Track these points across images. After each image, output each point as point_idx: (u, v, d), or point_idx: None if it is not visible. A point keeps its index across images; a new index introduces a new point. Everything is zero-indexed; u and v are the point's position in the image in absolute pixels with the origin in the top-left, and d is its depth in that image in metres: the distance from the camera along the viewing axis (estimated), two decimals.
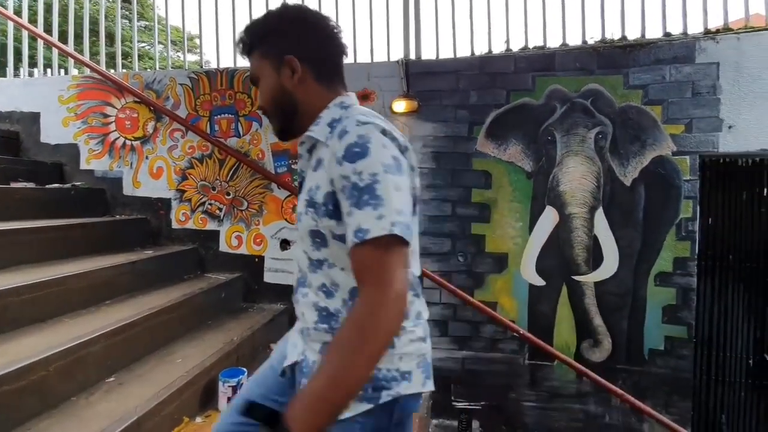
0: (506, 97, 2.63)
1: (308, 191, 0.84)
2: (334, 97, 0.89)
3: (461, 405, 2.60)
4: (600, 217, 2.52)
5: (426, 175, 2.68)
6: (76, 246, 2.33)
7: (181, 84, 2.95)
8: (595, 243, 2.52)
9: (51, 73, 3.42)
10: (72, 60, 3.19)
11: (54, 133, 3.07)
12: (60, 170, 3.04)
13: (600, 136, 2.53)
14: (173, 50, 6.70)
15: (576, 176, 2.55)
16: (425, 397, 2.55)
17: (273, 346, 2.43)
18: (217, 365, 1.93)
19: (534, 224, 2.58)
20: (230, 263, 2.84)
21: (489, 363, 2.60)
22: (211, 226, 2.91)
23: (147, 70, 3.21)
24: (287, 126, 0.92)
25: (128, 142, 3.00)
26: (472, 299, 2.55)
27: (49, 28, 3.28)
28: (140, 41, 7.48)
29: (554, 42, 2.72)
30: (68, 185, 2.94)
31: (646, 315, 2.47)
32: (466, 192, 2.65)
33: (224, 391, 1.80)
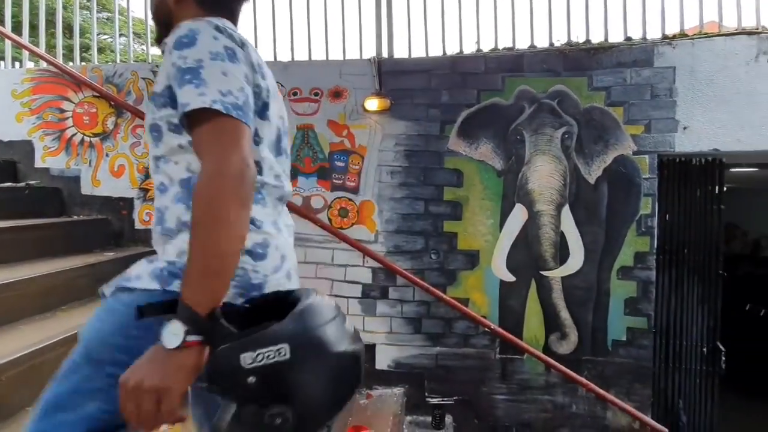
0: (477, 97, 2.67)
1: (152, 92, 0.87)
2: None
3: (435, 400, 2.63)
4: (566, 214, 2.61)
5: (399, 174, 2.69)
6: (30, 248, 2.20)
7: (144, 78, 2.83)
8: (562, 239, 2.61)
9: (4, 66, 3.23)
10: (27, 52, 3.01)
11: (6, 129, 2.88)
12: (13, 168, 2.86)
13: (566, 136, 2.61)
14: (136, 43, 6.41)
15: (544, 175, 2.63)
16: (399, 395, 2.58)
17: None
18: None
19: (504, 221, 2.64)
20: None
21: (461, 358, 2.65)
22: None
23: (107, 64, 3.06)
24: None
25: (87, 139, 2.85)
26: (445, 296, 2.59)
27: (2, 18, 3.07)
28: (101, 33, 7.12)
29: (523, 43, 2.79)
30: (22, 184, 2.78)
31: (610, 307, 2.58)
32: (438, 190, 2.68)
33: None
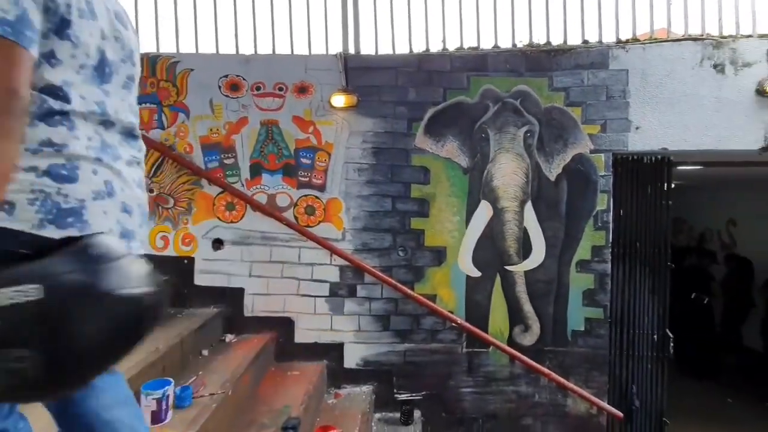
0: (443, 95, 2.69)
1: None
2: None
3: (403, 396, 2.65)
4: (529, 211, 2.69)
5: (366, 171, 2.68)
6: None
7: None
8: (525, 235, 2.69)
9: None
10: None
11: None
12: None
13: (528, 135, 2.69)
14: None
15: (508, 172, 2.70)
16: (368, 392, 2.57)
17: (205, 353, 2.31)
18: (140, 377, 1.77)
19: (470, 218, 2.69)
20: (155, 267, 2.60)
21: (429, 354, 2.68)
22: None
23: None
24: None
25: None
26: (413, 293, 2.61)
27: None
28: None
29: (487, 44, 2.83)
30: None
31: (569, 299, 2.69)
32: (406, 187, 2.69)
33: (147, 405, 1.65)
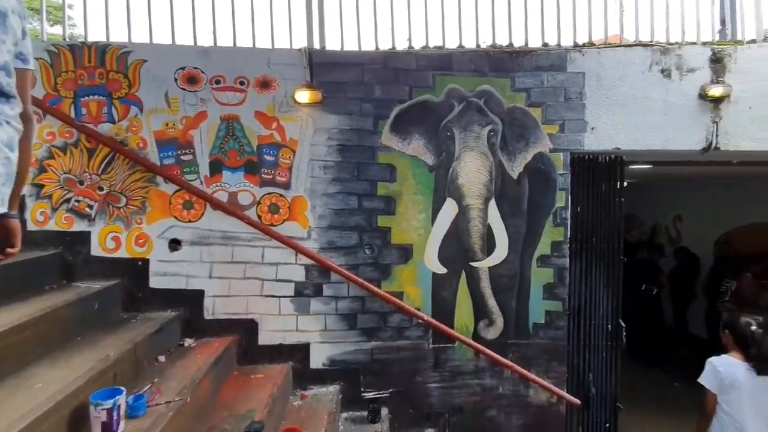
0: (409, 93, 2.70)
1: None
2: None
3: (370, 395, 2.64)
4: (493, 208, 2.76)
5: (332, 169, 2.64)
6: None
7: (37, 58, 2.45)
8: (489, 231, 2.75)
9: None
10: None
11: None
12: None
13: (492, 134, 2.75)
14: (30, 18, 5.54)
15: (472, 170, 2.74)
16: (334, 392, 2.55)
17: (161, 359, 2.20)
18: (89, 387, 1.66)
19: (436, 216, 2.72)
20: (106, 269, 2.47)
21: (396, 351, 2.69)
22: (80, 227, 2.50)
23: None
24: None
25: None
26: (379, 291, 2.61)
27: None
28: None
29: (452, 43, 2.87)
30: None
31: (531, 293, 2.78)
32: (372, 185, 2.67)
33: (97, 416, 1.55)
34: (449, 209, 2.73)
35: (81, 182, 2.50)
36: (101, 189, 2.50)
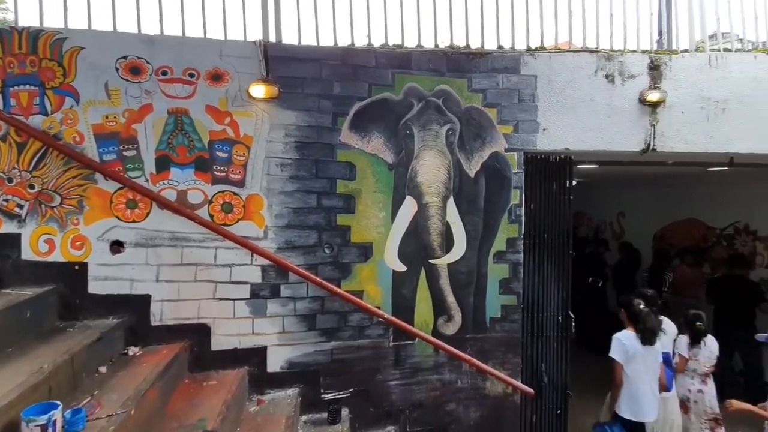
0: (368, 90, 2.68)
1: None
2: None
3: (330, 396, 2.61)
4: (451, 206, 2.81)
5: (289, 166, 2.57)
6: None
7: None
8: (447, 229, 2.80)
9: None
10: None
11: None
12: None
13: (450, 133, 2.79)
14: None
15: (431, 168, 2.78)
16: (293, 395, 2.49)
17: (102, 369, 2.05)
18: (21, 402, 1.52)
19: (395, 214, 2.73)
20: (39, 274, 2.26)
21: (357, 350, 2.67)
22: (9, 228, 2.27)
23: None
24: None
25: None
26: (339, 290, 2.58)
27: None
28: None
29: (411, 42, 2.88)
30: None
31: (487, 289, 2.86)
32: (331, 183, 2.63)
33: None
34: (409, 207, 2.74)
35: (9, 179, 2.26)
36: (32, 187, 2.28)
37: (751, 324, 4.31)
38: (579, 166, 3.29)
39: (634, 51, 3.03)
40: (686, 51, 3.11)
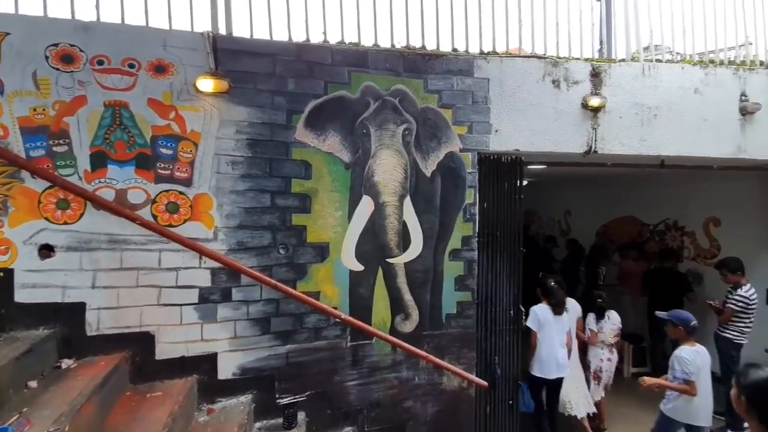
0: (324, 88, 2.64)
1: None
2: None
3: (286, 400, 2.55)
4: (408, 205, 2.83)
5: (241, 165, 2.47)
6: None
7: None
8: (404, 228, 2.82)
9: None
10: None
11: None
12: None
13: (407, 133, 2.82)
14: None
15: (388, 168, 2.78)
16: (246, 402, 2.41)
17: (32, 384, 1.87)
18: None
19: (352, 213, 2.71)
20: None
21: (313, 352, 2.63)
22: None
23: None
24: None
25: None
26: (295, 291, 2.52)
27: None
28: None
29: (367, 41, 2.87)
30: None
31: (443, 286, 2.92)
32: (286, 182, 2.57)
33: None
34: (366, 206, 2.74)
35: None
36: None
37: None
38: (529, 167, 3.44)
39: (578, 59, 3.22)
40: (623, 60, 3.34)
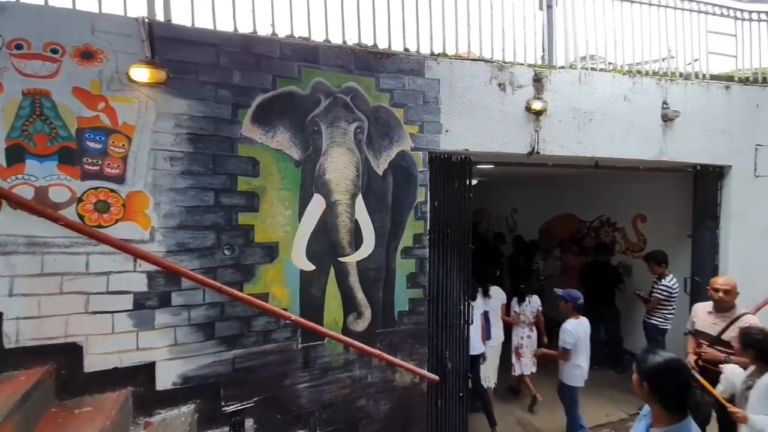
0: (273, 83, 2.55)
1: None
2: None
3: (232, 408, 2.44)
4: (360, 203, 2.82)
5: (181, 161, 2.33)
6: None
7: None
8: (356, 226, 2.81)
9: None
10: None
11: None
12: None
13: (359, 131, 2.80)
14: None
15: (340, 166, 2.75)
16: (188, 413, 2.28)
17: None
18: None
19: (303, 212, 2.65)
20: None
21: (262, 356, 2.54)
22: None
23: None
24: None
25: None
26: (241, 294, 2.42)
27: None
28: None
29: (318, 36, 2.81)
30: None
31: (396, 284, 2.94)
32: (232, 180, 2.45)
33: None
34: (317, 205, 2.69)
35: None
36: None
37: (612, 302, 5.14)
38: (478, 166, 3.56)
39: (522, 64, 3.37)
40: (563, 67, 3.55)
